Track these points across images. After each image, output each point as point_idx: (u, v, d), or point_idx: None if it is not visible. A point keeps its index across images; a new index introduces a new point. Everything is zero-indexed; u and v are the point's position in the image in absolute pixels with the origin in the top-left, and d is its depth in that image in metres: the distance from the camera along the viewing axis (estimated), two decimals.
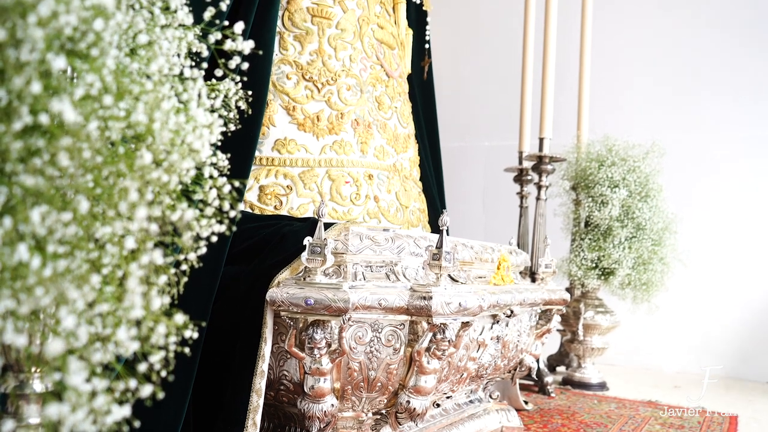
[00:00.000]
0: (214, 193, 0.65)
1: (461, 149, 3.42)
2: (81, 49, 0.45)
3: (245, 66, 0.71)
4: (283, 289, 1.18)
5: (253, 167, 1.57)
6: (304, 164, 1.62)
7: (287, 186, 1.59)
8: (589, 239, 2.48)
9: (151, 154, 0.50)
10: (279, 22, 1.69)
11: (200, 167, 0.60)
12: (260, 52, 1.46)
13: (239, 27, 0.67)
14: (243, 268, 1.32)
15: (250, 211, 1.57)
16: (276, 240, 1.31)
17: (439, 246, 1.26)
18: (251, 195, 1.58)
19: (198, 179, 0.60)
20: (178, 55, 0.69)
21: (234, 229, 0.65)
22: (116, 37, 0.50)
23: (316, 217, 1.22)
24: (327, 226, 1.27)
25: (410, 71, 2.01)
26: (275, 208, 1.57)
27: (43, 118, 0.41)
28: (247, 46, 0.67)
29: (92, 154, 0.44)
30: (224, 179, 0.63)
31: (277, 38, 1.67)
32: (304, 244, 1.18)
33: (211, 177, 0.61)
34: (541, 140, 2.56)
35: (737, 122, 2.95)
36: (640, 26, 3.10)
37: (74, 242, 0.46)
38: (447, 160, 2.82)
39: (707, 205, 2.97)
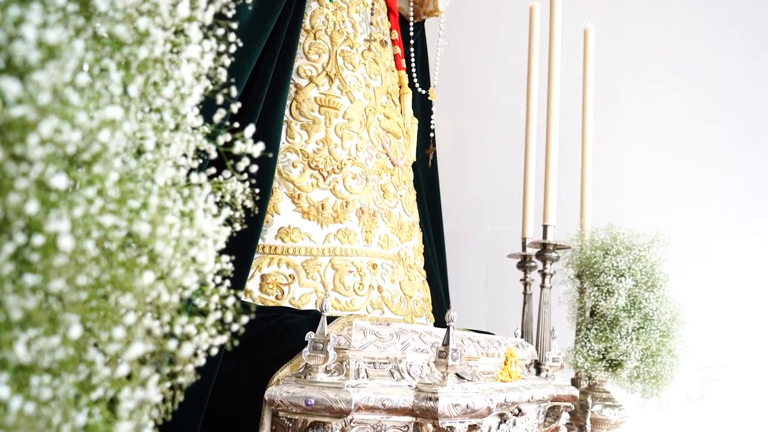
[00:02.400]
0: (216, 298, 0.62)
1: (463, 233, 3.41)
2: (83, 160, 0.43)
3: (254, 168, 0.69)
4: (282, 387, 1.13)
5: (255, 255, 1.55)
6: (308, 253, 1.60)
7: (289, 275, 1.57)
8: (596, 329, 2.43)
9: (153, 273, 0.47)
10: (287, 111, 1.71)
11: (203, 278, 0.57)
12: (270, 155, 1.47)
13: (250, 131, 0.66)
14: (242, 361, 1.28)
15: (251, 301, 1.54)
16: (277, 333, 1.28)
17: (446, 343, 1.21)
18: (252, 284, 1.55)
19: (200, 289, 0.57)
20: (185, 156, 0.68)
21: (236, 342, 0.62)
22: (123, 142, 0.48)
23: (319, 310, 1.18)
24: (330, 319, 1.24)
25: (415, 159, 2.02)
26: (277, 297, 1.54)
27: (37, 240, 0.39)
28: (257, 149, 0.65)
29: (88, 275, 0.42)
30: (226, 287, 0.60)
31: (284, 126, 1.69)
32: (306, 339, 1.15)
33: (214, 284, 0.59)
34: (545, 227, 2.55)
35: (742, 211, 2.95)
36: (641, 113, 3.16)
37: (62, 365, 0.43)
38: (449, 243, 2.80)
39: (714, 295, 2.93)
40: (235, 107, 0.75)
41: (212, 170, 0.74)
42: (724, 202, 2.98)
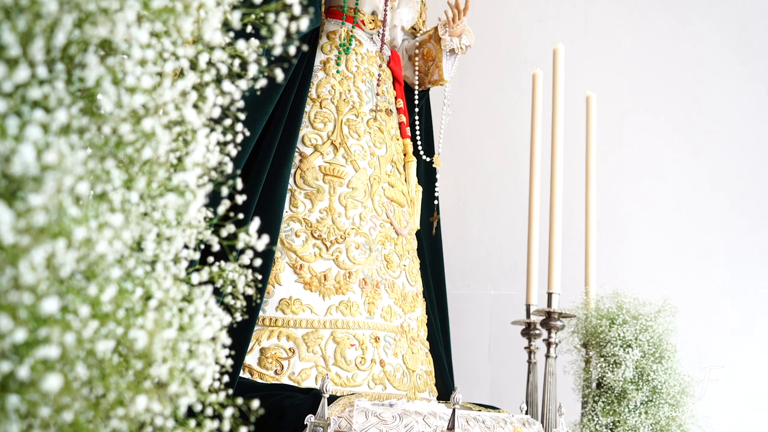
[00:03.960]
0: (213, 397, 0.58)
1: (466, 297, 3.36)
2: (77, 283, 0.40)
3: (258, 263, 0.67)
4: None
5: (255, 328, 1.52)
6: (309, 325, 1.56)
7: (290, 349, 1.53)
8: (603, 402, 2.36)
9: (146, 396, 0.44)
10: (291, 180, 1.70)
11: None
12: (268, 243, 1.45)
13: (254, 226, 0.64)
14: None
15: (249, 376, 1.49)
16: (276, 414, 1.23)
17: (451, 427, 1.17)
18: (251, 358, 1.51)
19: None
20: (186, 247, 0.66)
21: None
22: (121, 250, 0.46)
23: (320, 390, 1.14)
24: (330, 399, 1.19)
25: (419, 227, 2.00)
26: (276, 372, 1.50)
27: (23, 372, 0.36)
28: (262, 243, 0.63)
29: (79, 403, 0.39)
30: (224, 394, 0.57)
31: (288, 195, 1.68)
32: (305, 422, 1.11)
33: (211, 391, 0.55)
34: (550, 295, 2.51)
35: (747, 279, 2.91)
36: (645, 178, 3.15)
37: None
38: (452, 307, 2.75)
39: (723, 366, 2.86)
40: (241, 198, 0.73)
41: (215, 271, 0.71)
42: (732, 268, 2.95)
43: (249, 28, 0.62)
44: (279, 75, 0.60)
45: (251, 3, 0.62)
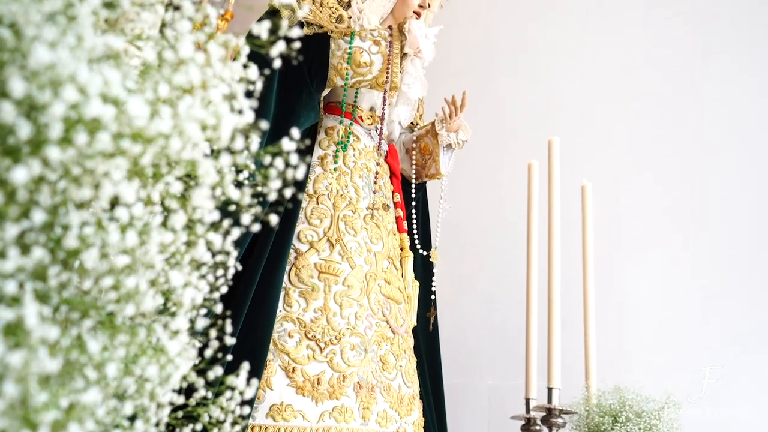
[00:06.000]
0: None
1: (463, 386, 3.27)
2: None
3: (248, 400, 0.63)
4: None
5: None
6: None
7: None
8: None
9: None
10: (285, 278, 1.67)
11: None
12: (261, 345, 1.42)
13: (244, 373, 0.60)
14: None
15: None
16: None
17: None
18: None
19: None
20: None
21: None
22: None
23: None
24: None
25: (415, 324, 1.95)
26: None
27: None
28: (250, 391, 0.59)
29: None
30: None
31: (282, 294, 1.64)
32: None
33: None
34: (550, 390, 2.44)
35: (748, 372, 2.84)
36: (643, 267, 3.13)
37: None
38: (448, 398, 2.67)
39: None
40: (231, 340, 0.70)
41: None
42: (731, 354, 2.88)
43: (244, 175, 0.60)
44: (273, 220, 0.58)
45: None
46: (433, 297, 2.07)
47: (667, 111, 3.21)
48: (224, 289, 0.63)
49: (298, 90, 1.77)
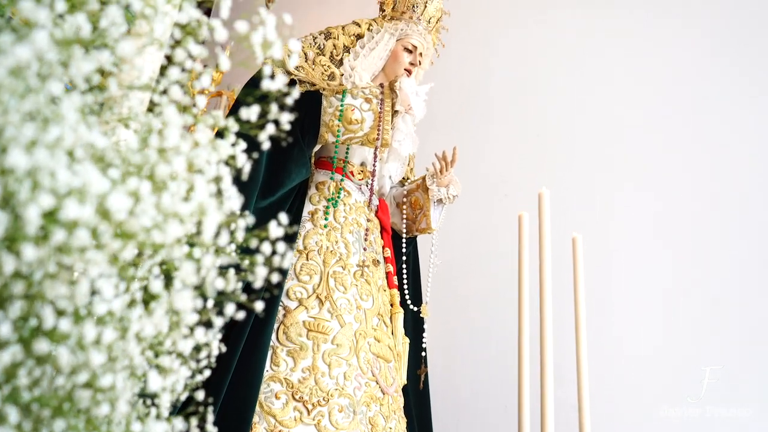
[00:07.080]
0: None
1: None
2: None
3: None
4: None
5: None
6: None
7: None
8: None
9: None
10: (273, 336, 1.63)
11: None
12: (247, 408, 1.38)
13: None
14: None
15: None
16: None
17: None
18: None
19: None
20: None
21: None
22: None
23: None
24: None
25: (405, 382, 1.91)
26: None
27: None
28: None
29: None
30: None
31: (269, 353, 1.60)
32: None
33: None
34: None
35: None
36: (635, 321, 3.11)
37: None
38: None
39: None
40: (211, 417, 0.67)
41: None
42: (730, 404, 2.83)
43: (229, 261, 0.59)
44: (258, 307, 0.57)
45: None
46: (423, 354, 2.04)
47: (656, 174, 3.23)
48: (207, 373, 0.61)
49: (289, 146, 1.77)
